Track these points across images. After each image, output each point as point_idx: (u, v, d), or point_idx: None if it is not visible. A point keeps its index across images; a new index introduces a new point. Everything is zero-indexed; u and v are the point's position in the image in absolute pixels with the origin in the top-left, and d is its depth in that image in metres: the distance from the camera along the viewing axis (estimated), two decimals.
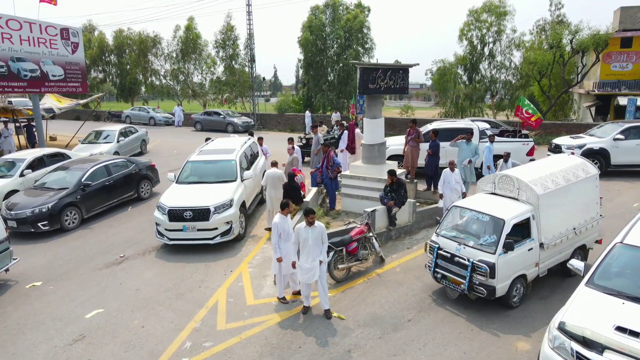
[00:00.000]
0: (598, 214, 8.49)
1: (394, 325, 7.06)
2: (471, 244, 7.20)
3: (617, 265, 5.76)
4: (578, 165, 8.25)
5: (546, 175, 7.70)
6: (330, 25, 30.44)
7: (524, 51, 28.47)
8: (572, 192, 7.84)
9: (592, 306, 5.26)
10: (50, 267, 9.60)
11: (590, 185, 8.26)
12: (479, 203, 7.75)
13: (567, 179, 7.82)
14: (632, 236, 5.88)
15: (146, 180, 14.35)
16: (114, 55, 40.73)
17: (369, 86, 10.88)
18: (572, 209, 7.86)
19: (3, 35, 18.00)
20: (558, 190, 7.57)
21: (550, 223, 7.46)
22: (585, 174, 8.15)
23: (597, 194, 8.44)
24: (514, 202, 7.53)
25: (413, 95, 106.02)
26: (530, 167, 8.46)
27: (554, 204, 7.46)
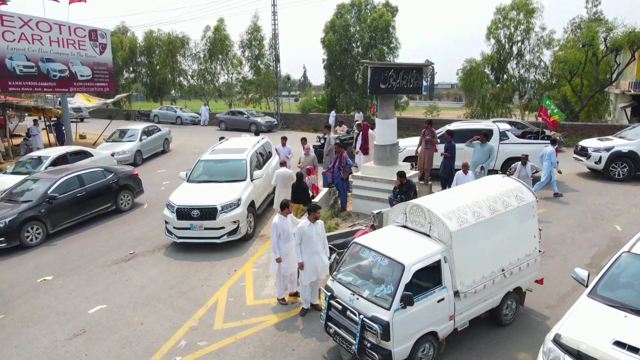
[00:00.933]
0: (537, 250, 6.95)
1: None
2: (366, 294, 5.67)
3: (623, 275, 5.42)
4: (510, 192, 6.75)
5: (466, 205, 6.22)
6: (355, 25, 30.27)
7: (555, 50, 27.50)
8: (501, 225, 6.36)
9: (592, 318, 4.96)
10: (62, 262, 9.86)
11: (526, 215, 6.73)
12: (382, 240, 6.20)
13: (493, 209, 6.33)
14: None
15: (126, 191, 13.28)
16: (144, 56, 41.70)
17: (380, 86, 10.71)
18: (501, 245, 6.38)
19: (33, 37, 18.67)
20: (480, 224, 6.09)
21: (470, 265, 6.00)
22: (518, 202, 6.64)
23: (534, 226, 6.90)
24: (425, 240, 6.01)
25: (444, 95, 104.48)
26: (451, 194, 7.09)
27: (474, 241, 6.03)
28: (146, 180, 16.77)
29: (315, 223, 7.24)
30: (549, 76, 27.92)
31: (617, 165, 14.66)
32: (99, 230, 11.79)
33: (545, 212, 11.97)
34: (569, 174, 15.93)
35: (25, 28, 18.29)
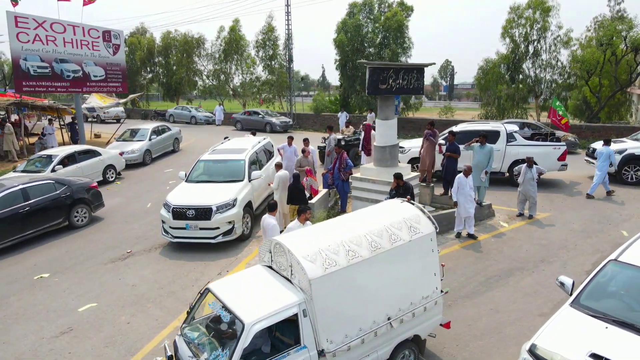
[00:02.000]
0: (438, 290, 5.84)
1: None
2: (204, 358, 4.76)
3: (609, 284, 5.21)
4: (403, 222, 5.62)
5: (341, 241, 5.13)
6: (367, 25, 30.02)
7: (574, 49, 26.79)
8: (386, 265, 5.27)
9: (571, 329, 4.77)
10: (61, 260, 10.02)
11: (421, 250, 5.64)
12: (235, 287, 5.19)
13: (376, 245, 5.22)
14: (630, 254, 5.31)
15: (82, 205, 12.06)
16: (162, 57, 42.32)
17: (379, 86, 10.53)
18: (386, 289, 5.30)
19: (47, 38, 19.09)
20: (355, 265, 5.01)
21: (341, 317, 4.94)
22: (411, 235, 5.51)
23: (433, 262, 5.78)
24: (284, 288, 4.96)
25: (464, 95, 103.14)
26: (329, 227, 5.79)
27: (347, 287, 4.97)
28: (153, 179, 17.06)
29: (304, 224, 7.19)
30: (566, 76, 27.21)
31: (630, 168, 14.20)
32: (100, 228, 11.96)
33: (550, 216, 11.69)
34: (580, 177, 15.52)
35: (40, 29, 18.72)
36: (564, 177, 15.25)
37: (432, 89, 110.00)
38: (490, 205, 11.82)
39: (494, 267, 8.91)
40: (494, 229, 10.91)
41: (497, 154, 14.06)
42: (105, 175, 16.43)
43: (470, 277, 8.53)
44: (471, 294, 7.90)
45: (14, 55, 18.01)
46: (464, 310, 7.38)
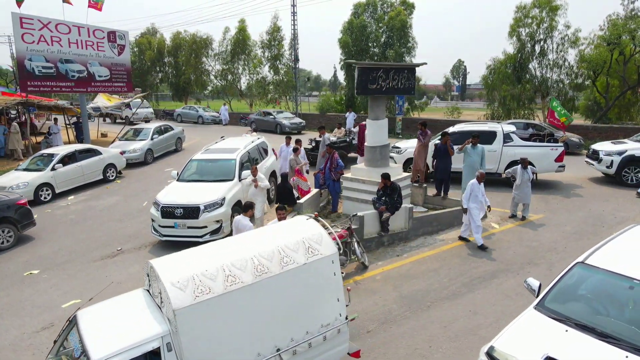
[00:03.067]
0: (341, 317, 5.25)
1: (350, 335, 6.64)
2: None
3: (574, 287, 5.14)
4: (301, 242, 5.10)
5: (222, 265, 4.61)
6: (371, 25, 29.92)
7: (582, 48, 26.35)
8: (274, 291, 4.74)
9: (531, 331, 4.72)
10: (53, 257, 10.19)
11: (320, 273, 5.09)
12: (102, 315, 4.73)
13: (263, 269, 4.71)
14: (597, 256, 5.22)
15: (5, 225, 10.67)
16: (171, 57, 42.76)
17: (368, 86, 10.51)
18: (275, 318, 4.75)
19: (52, 39, 19.41)
20: (234, 293, 4.46)
21: (214, 351, 4.37)
22: (308, 257, 4.99)
23: (335, 286, 5.22)
24: (151, 318, 4.47)
25: (476, 95, 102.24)
26: (213, 249, 5.16)
27: (223, 317, 4.42)
28: (153, 178, 17.24)
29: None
30: (573, 76, 26.81)
31: (630, 170, 13.95)
32: (95, 227, 12.12)
33: (542, 218, 11.56)
34: (579, 179, 15.30)
35: (45, 30, 19.04)
36: (562, 179, 15.05)
37: (444, 89, 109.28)
38: None
39: (479, 269, 8.84)
40: (484, 230, 10.79)
41: (493, 154, 13.99)
42: (106, 174, 16.66)
43: (454, 279, 8.47)
44: (451, 296, 7.85)
45: (19, 56, 18.36)
46: (442, 312, 7.34)
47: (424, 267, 9.01)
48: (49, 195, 14.48)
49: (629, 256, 5.18)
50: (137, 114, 31.83)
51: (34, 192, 14.00)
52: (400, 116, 27.19)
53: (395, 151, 15.54)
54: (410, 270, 8.89)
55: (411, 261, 9.28)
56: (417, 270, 8.85)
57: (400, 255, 9.62)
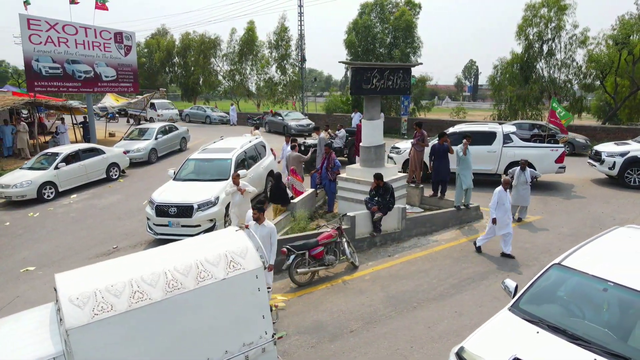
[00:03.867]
0: (267, 335, 4.90)
1: (333, 334, 6.79)
2: None
3: (550, 289, 5.09)
4: (223, 256, 4.77)
5: (131, 279, 4.29)
6: (377, 25, 29.83)
7: (590, 48, 26.00)
8: (187, 308, 4.41)
9: (502, 333, 4.70)
10: (51, 254, 10.37)
11: (241, 289, 4.77)
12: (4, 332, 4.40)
13: (174, 285, 4.39)
14: (574, 258, 5.17)
15: None
16: (180, 57, 43.16)
17: (362, 86, 10.51)
18: (187, 336, 4.43)
19: (60, 40, 19.71)
20: (138, 311, 4.12)
21: None
22: (227, 272, 4.67)
23: (259, 303, 4.86)
24: (49, 335, 4.22)
25: (488, 96, 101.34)
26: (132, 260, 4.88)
27: (125, 337, 4.06)
28: (155, 178, 17.36)
29: (261, 225, 7.22)
30: (582, 76, 26.46)
31: (632, 171, 13.73)
32: (94, 225, 12.29)
33: (540, 219, 11.45)
34: (581, 180, 15.11)
35: (52, 31, 19.34)
36: (564, 180, 14.87)
37: (456, 89, 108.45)
38: (478, 207, 11.63)
39: (469, 270, 8.79)
40: (478, 232, 10.74)
41: (493, 155, 13.90)
42: (109, 173, 16.86)
43: (443, 280, 8.43)
44: (439, 296, 7.82)
45: (26, 56, 18.64)
46: (428, 313, 7.31)
47: (414, 267, 8.99)
48: (52, 193, 14.71)
49: (606, 258, 5.13)
50: (162, 115, 31.39)
51: (37, 191, 14.24)
52: (406, 116, 27.10)
53: (394, 152, 15.51)
54: (400, 270, 8.87)
55: (402, 262, 9.25)
56: (407, 271, 8.82)
57: (391, 255, 9.60)
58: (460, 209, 11.19)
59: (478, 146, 13.94)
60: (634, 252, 5.19)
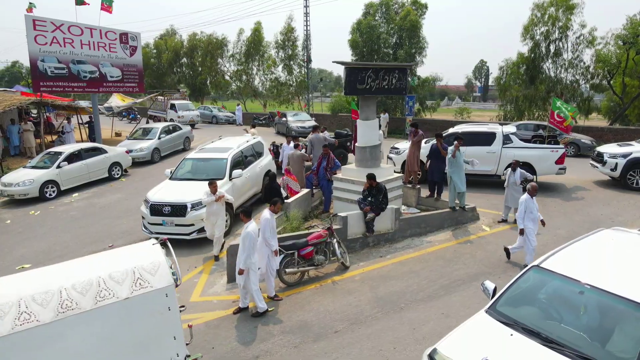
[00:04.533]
0: (178, 357, 4.66)
1: (317, 335, 6.78)
2: None
3: (528, 291, 5.03)
4: (129, 273, 4.48)
5: (19, 299, 3.99)
6: (382, 25, 29.72)
7: (598, 48, 25.64)
8: (82, 331, 4.08)
9: (476, 335, 4.65)
10: (48, 252, 10.49)
11: (148, 309, 4.45)
12: None
13: (67, 305, 4.06)
14: (554, 260, 5.10)
15: None
16: (187, 58, 43.45)
17: (357, 87, 10.49)
18: None
19: (65, 40, 19.93)
20: (24, 334, 3.82)
21: None
22: (132, 291, 4.36)
23: (170, 323, 4.58)
24: None
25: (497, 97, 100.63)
26: (30, 276, 4.57)
27: None
28: (157, 177, 17.47)
29: (244, 227, 7.29)
30: (589, 77, 26.11)
31: (635, 173, 13.53)
32: (92, 223, 12.42)
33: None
34: (584, 181, 14.92)
35: (57, 32, 19.55)
36: (566, 181, 14.70)
37: (466, 90, 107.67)
38: (474, 209, 11.55)
39: (461, 272, 8.72)
40: (473, 233, 10.66)
41: (492, 156, 13.79)
42: (111, 172, 17.03)
43: (433, 281, 8.38)
44: (427, 298, 7.77)
45: (32, 57, 18.89)
46: (414, 314, 7.27)
47: (405, 268, 8.94)
48: (54, 192, 14.90)
49: (585, 260, 5.06)
50: (182, 117, 30.48)
51: (39, 189, 14.43)
52: (410, 117, 26.98)
53: (394, 152, 15.46)
54: (391, 271, 8.83)
55: (393, 262, 9.21)
56: (398, 272, 8.78)
57: (383, 256, 9.56)
58: (456, 210, 11.10)
59: (478, 147, 13.89)
60: (614, 255, 5.12)
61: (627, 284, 4.48)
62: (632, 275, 4.66)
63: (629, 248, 5.25)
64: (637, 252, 5.14)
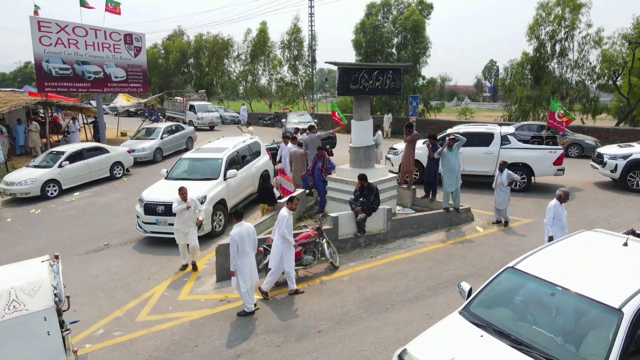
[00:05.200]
0: None
1: (300, 334, 6.80)
2: None
3: (502, 292, 5.01)
4: (5, 293, 4.28)
5: None
6: (385, 26, 29.60)
7: (605, 48, 25.33)
8: None
9: (447, 335, 4.65)
10: (44, 250, 10.53)
11: (22, 334, 4.14)
12: None
13: None
14: (529, 261, 5.08)
15: None
16: (194, 58, 43.74)
17: (350, 87, 10.47)
18: None
19: (69, 41, 20.20)
20: None
21: None
22: (3, 314, 4.10)
23: (48, 349, 4.26)
24: None
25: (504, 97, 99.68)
26: None
27: None
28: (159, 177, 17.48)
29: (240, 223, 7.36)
30: (595, 77, 25.81)
31: (635, 174, 13.36)
32: (90, 222, 12.57)
33: (531, 223, 11.27)
34: (584, 183, 14.78)
35: (62, 33, 19.83)
36: (566, 182, 14.56)
37: (476, 90, 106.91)
38: (469, 210, 11.50)
39: (449, 273, 8.69)
40: (466, 234, 10.62)
41: (490, 157, 13.71)
42: (113, 172, 17.21)
43: (421, 282, 8.37)
44: (413, 299, 7.76)
45: (36, 58, 19.18)
46: (399, 315, 7.27)
47: (394, 269, 8.93)
48: (55, 191, 15.10)
49: (560, 262, 5.02)
50: (202, 118, 29.93)
51: (41, 188, 14.64)
52: (414, 117, 26.89)
53: (392, 152, 15.42)
54: (380, 272, 8.83)
55: (383, 263, 9.21)
56: (387, 273, 8.78)
57: (374, 257, 9.56)
58: (449, 210, 11.06)
59: (475, 147, 13.83)
60: (589, 257, 5.08)
61: (597, 286, 4.45)
62: (604, 277, 4.62)
63: (606, 250, 5.21)
64: (613, 254, 5.09)
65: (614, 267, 4.83)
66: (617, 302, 4.17)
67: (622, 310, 4.09)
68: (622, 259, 4.97)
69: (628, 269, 4.73)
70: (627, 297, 4.19)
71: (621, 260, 4.95)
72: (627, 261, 4.91)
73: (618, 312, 4.10)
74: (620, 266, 4.82)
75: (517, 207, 12.44)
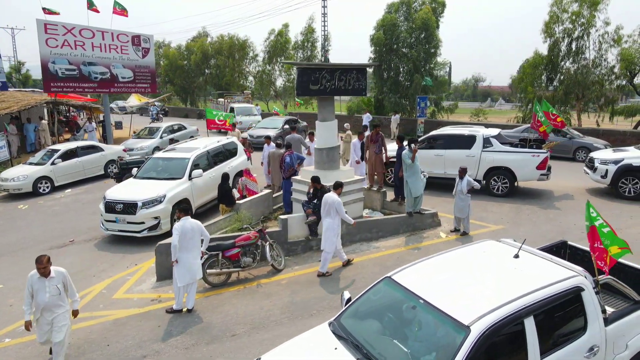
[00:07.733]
0: None
1: (214, 337, 6.73)
2: None
3: (374, 303, 4.77)
4: None
5: None
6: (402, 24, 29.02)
7: (625, 47, 23.95)
8: None
9: (304, 347, 4.47)
10: (14, 244, 11.01)
11: None
12: None
13: None
14: (406, 272, 4.81)
15: None
16: (214, 59, 44.45)
17: (310, 87, 10.30)
18: None
19: (76, 43, 20.88)
20: None
21: None
22: None
23: None
24: None
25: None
26: None
27: None
28: None
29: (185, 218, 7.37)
30: (613, 77, 24.48)
31: (627, 181, 12.55)
32: (68, 218, 12.91)
33: (501, 229, 10.81)
34: (575, 189, 14.02)
35: (69, 35, 20.50)
36: (555, 188, 13.87)
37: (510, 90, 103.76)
38: (436, 214, 11.10)
39: None
40: (425, 240, 10.25)
41: (472, 160, 13.22)
42: (107, 170, 17.64)
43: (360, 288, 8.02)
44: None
45: (43, 59, 19.89)
46: (321, 321, 6.84)
47: (338, 274, 8.72)
48: (47, 187, 15.61)
49: (438, 273, 4.74)
50: (240, 123, 25.56)
51: (33, 185, 15.17)
52: (422, 118, 26.31)
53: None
54: (322, 277, 8.63)
55: (329, 268, 8.99)
56: (328, 278, 8.58)
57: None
58: (412, 215, 10.71)
59: (457, 150, 13.40)
60: (474, 268, 4.77)
61: (460, 300, 4.16)
62: (472, 291, 4.32)
63: (494, 262, 4.88)
64: (499, 266, 4.76)
65: (490, 280, 4.51)
66: (468, 319, 3.88)
67: (470, 328, 3.80)
68: (504, 272, 4.66)
69: (503, 284, 4.41)
70: (480, 314, 3.90)
71: (502, 273, 4.63)
72: (507, 275, 4.59)
73: (466, 328, 3.81)
74: (498, 280, 4.51)
75: (492, 213, 11.94)
